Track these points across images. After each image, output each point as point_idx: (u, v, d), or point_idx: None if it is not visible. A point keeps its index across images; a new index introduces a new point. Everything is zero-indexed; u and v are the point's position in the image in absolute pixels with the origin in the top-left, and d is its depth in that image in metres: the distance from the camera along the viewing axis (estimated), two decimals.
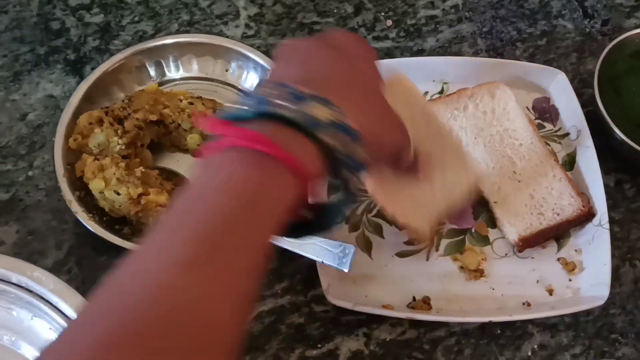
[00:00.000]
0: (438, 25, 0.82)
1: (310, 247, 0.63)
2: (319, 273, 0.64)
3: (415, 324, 0.66)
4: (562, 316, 0.67)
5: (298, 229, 0.43)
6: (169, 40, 0.76)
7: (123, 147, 0.67)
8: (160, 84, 0.76)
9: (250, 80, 0.77)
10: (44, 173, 0.72)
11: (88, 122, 0.68)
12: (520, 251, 0.68)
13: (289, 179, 0.38)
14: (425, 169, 0.57)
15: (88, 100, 0.72)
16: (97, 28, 0.81)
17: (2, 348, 0.60)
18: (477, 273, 0.68)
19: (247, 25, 0.82)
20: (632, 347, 0.66)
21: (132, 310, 0.32)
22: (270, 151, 0.37)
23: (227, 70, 0.77)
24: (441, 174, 0.60)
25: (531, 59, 0.81)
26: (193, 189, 0.38)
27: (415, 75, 0.75)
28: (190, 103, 0.70)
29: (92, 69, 0.76)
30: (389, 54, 0.80)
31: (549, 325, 0.67)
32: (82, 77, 0.77)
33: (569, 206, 0.69)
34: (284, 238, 0.44)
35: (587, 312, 0.67)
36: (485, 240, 0.70)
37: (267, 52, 0.78)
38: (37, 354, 0.60)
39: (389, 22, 0.83)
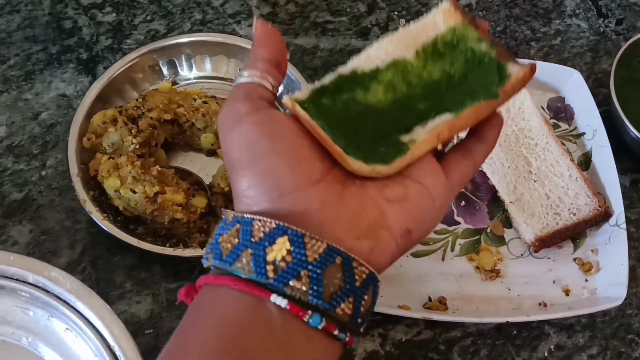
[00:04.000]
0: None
1: None
2: None
3: (431, 324, 0.66)
4: (578, 317, 0.66)
5: None
6: (182, 39, 0.75)
7: (137, 146, 0.67)
8: (173, 83, 0.76)
9: None
10: (57, 172, 0.72)
11: (102, 121, 0.68)
12: (536, 251, 0.68)
13: None
14: None
15: (101, 100, 0.71)
16: (110, 27, 0.81)
17: (19, 349, 0.60)
18: (493, 273, 0.67)
19: None
20: None
21: None
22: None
23: (240, 70, 0.77)
24: None
25: (545, 58, 0.80)
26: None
27: None
28: (205, 102, 0.70)
29: (105, 68, 0.76)
30: None
31: (565, 325, 0.67)
32: (94, 77, 0.77)
33: (586, 206, 0.68)
34: None
35: (604, 313, 0.67)
36: (501, 241, 0.69)
37: None
38: (54, 354, 0.60)
39: (403, 22, 0.82)
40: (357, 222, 0.38)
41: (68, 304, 0.58)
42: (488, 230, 0.70)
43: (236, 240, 0.37)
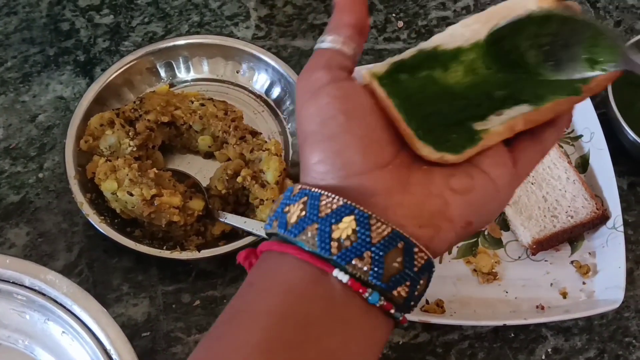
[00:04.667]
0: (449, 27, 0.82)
1: None
2: None
3: (428, 327, 0.66)
4: (576, 320, 0.66)
5: None
6: (180, 42, 0.75)
7: (134, 148, 0.67)
8: (171, 85, 0.76)
9: (260, 81, 0.76)
10: (54, 175, 0.71)
11: (99, 123, 0.68)
12: (533, 254, 0.68)
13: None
14: None
15: (98, 102, 0.71)
16: (107, 29, 0.80)
17: (16, 352, 0.60)
18: (491, 276, 0.67)
19: (257, 27, 0.81)
20: None
21: None
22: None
23: (237, 72, 0.77)
24: None
25: None
26: None
27: None
28: (202, 104, 0.70)
29: (102, 70, 0.76)
30: None
31: (562, 328, 0.67)
32: (92, 79, 0.77)
33: (583, 209, 0.68)
34: None
35: (601, 316, 0.67)
36: (498, 243, 0.69)
37: (277, 53, 0.77)
38: (50, 357, 0.60)
39: (400, 24, 0.82)
40: (420, 210, 0.39)
41: (64, 307, 0.58)
42: (485, 233, 0.70)
43: (303, 212, 0.38)
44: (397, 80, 0.41)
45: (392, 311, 0.37)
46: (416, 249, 0.37)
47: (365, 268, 0.36)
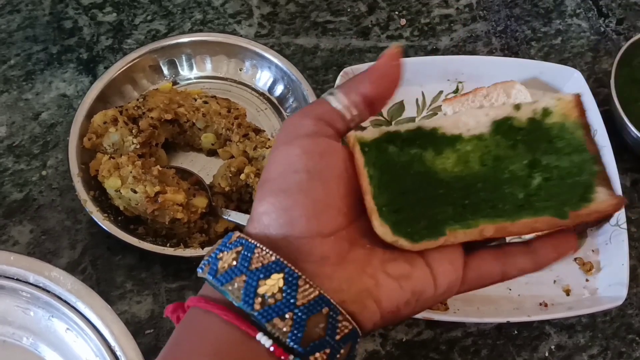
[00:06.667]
0: (452, 24, 0.82)
1: None
2: None
3: (431, 324, 0.66)
4: (579, 317, 0.66)
5: None
6: (183, 39, 0.76)
7: (138, 146, 0.67)
8: (174, 83, 0.76)
9: (263, 79, 0.76)
10: (57, 173, 0.72)
11: (103, 121, 0.68)
12: None
13: None
14: None
15: (102, 100, 0.71)
16: (110, 27, 0.80)
17: (20, 349, 0.60)
18: None
19: (260, 24, 0.81)
20: None
21: None
22: None
23: (240, 70, 0.77)
24: None
25: (546, 58, 0.80)
26: None
27: (430, 74, 0.75)
28: (205, 102, 0.70)
29: (105, 68, 0.76)
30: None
31: (566, 325, 0.67)
32: (95, 77, 0.77)
33: None
34: None
35: (605, 313, 0.67)
36: (501, 240, 0.69)
37: (280, 51, 0.77)
38: (55, 354, 0.60)
39: (403, 21, 0.82)
40: (349, 285, 0.38)
41: (69, 304, 0.58)
42: None
43: (234, 262, 0.37)
44: (384, 150, 0.40)
45: None
46: (340, 317, 0.37)
47: (285, 329, 0.35)
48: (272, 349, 0.36)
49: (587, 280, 0.68)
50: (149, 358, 0.57)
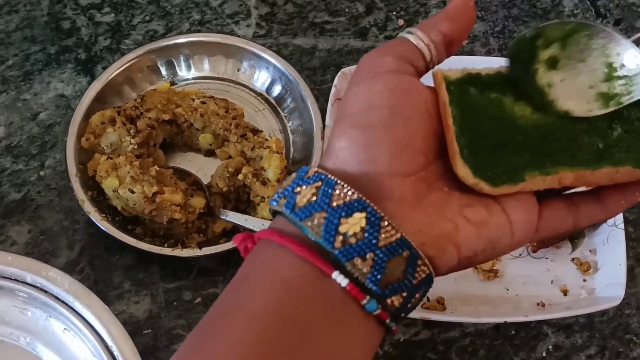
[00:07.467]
0: None
1: None
2: None
3: (429, 324, 0.66)
4: (576, 317, 0.67)
5: None
6: (180, 40, 0.75)
7: (136, 146, 0.67)
8: (172, 83, 0.76)
9: (261, 79, 0.76)
10: (55, 173, 0.72)
11: (100, 121, 0.68)
12: (534, 251, 0.68)
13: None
14: None
15: (100, 100, 0.71)
16: (108, 27, 0.81)
17: (17, 349, 0.60)
18: (492, 273, 0.67)
19: (258, 25, 0.81)
20: None
21: None
22: None
23: (238, 70, 0.77)
24: None
25: None
26: None
27: (428, 74, 0.75)
28: (203, 102, 0.70)
29: (103, 68, 0.76)
30: None
31: (563, 325, 0.67)
32: (93, 77, 0.77)
33: None
34: None
35: (602, 313, 0.67)
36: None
37: (278, 51, 0.77)
38: (52, 354, 0.60)
39: (401, 22, 0.83)
40: (429, 229, 0.37)
41: (66, 304, 0.58)
42: None
43: (314, 197, 0.36)
44: (465, 91, 0.39)
45: (387, 321, 0.37)
46: (420, 262, 0.36)
47: (365, 270, 0.35)
48: (348, 288, 0.35)
49: (584, 280, 0.68)
50: (147, 358, 0.58)
